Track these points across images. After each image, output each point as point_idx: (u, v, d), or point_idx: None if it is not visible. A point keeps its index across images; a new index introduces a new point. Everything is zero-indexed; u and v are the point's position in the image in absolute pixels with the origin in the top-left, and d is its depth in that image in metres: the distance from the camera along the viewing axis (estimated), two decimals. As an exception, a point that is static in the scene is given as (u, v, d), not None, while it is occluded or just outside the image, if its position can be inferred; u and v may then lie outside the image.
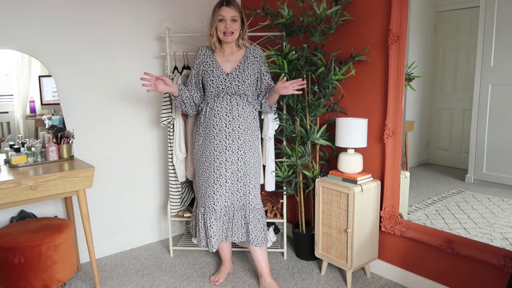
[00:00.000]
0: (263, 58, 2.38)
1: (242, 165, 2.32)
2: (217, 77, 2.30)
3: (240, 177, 2.32)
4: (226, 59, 2.33)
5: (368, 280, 2.49)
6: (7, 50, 2.39)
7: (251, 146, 2.34)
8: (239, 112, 2.29)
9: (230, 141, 2.29)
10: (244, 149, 2.31)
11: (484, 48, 1.93)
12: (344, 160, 2.39)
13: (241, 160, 2.31)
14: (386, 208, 2.38)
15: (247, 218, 2.35)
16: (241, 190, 2.34)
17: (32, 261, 2.03)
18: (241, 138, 2.30)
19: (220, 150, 2.29)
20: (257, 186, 2.39)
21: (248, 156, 2.33)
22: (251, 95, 2.35)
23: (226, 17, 2.22)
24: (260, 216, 2.38)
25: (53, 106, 2.58)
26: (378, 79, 2.38)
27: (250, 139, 2.33)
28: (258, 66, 2.36)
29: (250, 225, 2.35)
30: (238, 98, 2.30)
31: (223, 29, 2.23)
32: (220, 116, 2.28)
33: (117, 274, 2.64)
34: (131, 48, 2.87)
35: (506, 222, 1.94)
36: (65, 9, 2.55)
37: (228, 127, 2.28)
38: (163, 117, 2.66)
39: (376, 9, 2.34)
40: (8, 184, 1.99)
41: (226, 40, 2.26)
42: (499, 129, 1.93)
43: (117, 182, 2.93)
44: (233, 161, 2.30)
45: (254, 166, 2.36)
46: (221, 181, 2.31)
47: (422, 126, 2.27)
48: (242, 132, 2.30)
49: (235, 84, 2.28)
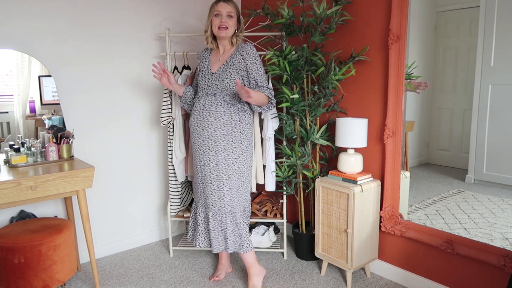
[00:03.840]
0: (251, 55, 2.26)
1: (214, 166, 2.26)
2: (203, 77, 2.31)
3: (213, 178, 2.27)
4: (218, 58, 2.32)
5: (368, 280, 2.49)
6: (7, 50, 2.39)
7: (226, 147, 2.25)
8: (210, 111, 2.23)
9: (201, 140, 2.28)
10: (216, 150, 2.25)
11: (484, 48, 1.93)
12: (344, 160, 2.39)
13: (213, 161, 2.26)
14: (386, 208, 2.38)
15: (223, 223, 2.30)
16: (215, 193, 2.28)
17: (32, 261, 2.03)
18: (211, 138, 2.25)
19: (195, 149, 2.33)
20: (233, 188, 2.28)
21: (221, 157, 2.25)
22: (230, 94, 2.25)
23: (222, 12, 2.20)
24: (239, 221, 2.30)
25: (53, 106, 2.58)
26: (378, 79, 2.38)
27: (223, 139, 2.25)
28: (244, 64, 2.26)
29: (228, 230, 2.30)
30: (212, 97, 2.25)
31: (218, 23, 2.20)
32: (194, 116, 2.30)
33: (117, 274, 2.64)
34: (131, 48, 2.87)
35: (506, 222, 1.94)
36: (65, 9, 2.55)
37: (199, 126, 2.27)
38: (163, 117, 2.66)
39: (376, 9, 2.34)
40: (8, 184, 1.99)
41: (220, 34, 2.22)
42: (499, 129, 1.93)
43: (117, 182, 2.92)
44: (206, 162, 2.27)
45: (230, 167, 2.26)
46: (198, 180, 2.34)
47: (422, 126, 2.27)
48: (212, 132, 2.24)
49: (215, 83, 2.26)
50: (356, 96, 2.53)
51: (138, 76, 2.92)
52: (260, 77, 2.28)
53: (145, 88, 2.97)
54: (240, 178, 2.31)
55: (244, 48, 2.27)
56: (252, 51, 2.27)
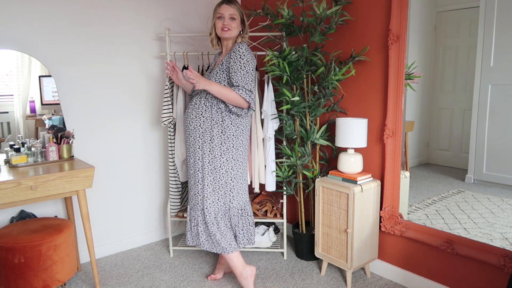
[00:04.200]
0: (237, 54, 2.17)
1: (200, 167, 2.29)
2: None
3: (200, 178, 2.30)
4: (221, 59, 2.33)
5: (368, 280, 2.49)
6: (7, 50, 2.39)
7: (214, 148, 2.24)
8: (198, 113, 2.26)
9: (191, 140, 2.31)
10: (204, 150, 2.27)
11: (484, 48, 1.93)
12: (344, 160, 2.39)
13: (200, 161, 2.29)
14: (386, 208, 2.38)
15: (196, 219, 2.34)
16: (200, 193, 2.31)
17: (32, 261, 2.03)
18: (200, 139, 2.28)
19: (187, 149, 2.38)
20: (217, 190, 2.28)
21: (208, 158, 2.26)
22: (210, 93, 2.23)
23: (225, 15, 2.22)
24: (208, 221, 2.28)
25: (53, 106, 2.58)
26: (378, 79, 2.38)
27: (212, 141, 2.24)
28: (227, 63, 2.21)
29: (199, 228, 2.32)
30: (197, 97, 2.29)
31: (220, 26, 2.23)
32: (186, 117, 2.35)
33: (117, 274, 2.64)
34: (131, 48, 2.87)
35: (506, 222, 1.94)
36: (65, 9, 2.55)
37: (189, 127, 2.31)
38: (164, 117, 2.66)
39: (376, 9, 2.34)
40: (8, 184, 1.99)
41: (223, 35, 2.24)
42: (499, 129, 1.93)
43: (117, 182, 2.93)
44: (195, 161, 2.31)
45: (214, 169, 2.26)
46: (189, 179, 2.39)
47: (422, 126, 2.27)
48: (200, 134, 2.27)
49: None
50: (356, 96, 2.53)
51: (138, 76, 2.92)
52: (236, 76, 2.16)
53: (145, 88, 2.97)
54: (227, 182, 2.29)
55: (234, 47, 2.21)
56: (238, 50, 2.18)
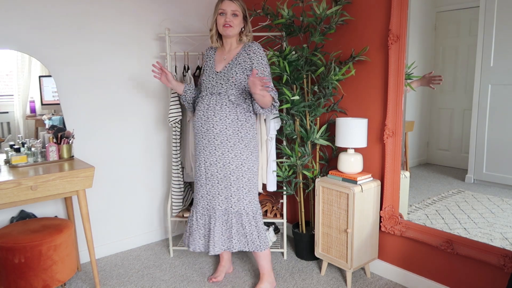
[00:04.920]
0: (258, 54, 2.20)
1: (221, 167, 2.23)
2: (207, 76, 2.27)
3: (220, 179, 2.25)
4: (223, 57, 2.28)
5: (368, 280, 2.49)
6: (7, 50, 2.39)
7: (232, 147, 2.22)
8: (215, 111, 2.19)
9: (206, 141, 2.24)
10: (222, 150, 2.22)
11: (484, 48, 1.93)
12: (344, 160, 2.39)
13: (220, 161, 2.23)
14: (386, 208, 2.38)
15: (229, 223, 2.29)
16: (223, 193, 2.26)
17: (32, 261, 2.03)
18: (217, 139, 2.21)
19: (199, 150, 2.30)
20: (241, 189, 2.26)
21: (228, 158, 2.22)
22: (235, 94, 2.20)
23: (227, 11, 2.16)
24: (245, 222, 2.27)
25: (53, 106, 2.58)
26: (378, 79, 2.38)
27: (230, 140, 2.21)
28: (250, 63, 2.20)
29: (233, 229, 2.28)
30: (217, 97, 2.21)
31: (222, 22, 2.16)
32: (198, 116, 2.26)
33: (117, 274, 2.64)
34: (131, 48, 2.87)
35: (506, 222, 1.94)
36: (65, 9, 2.55)
37: (203, 127, 2.24)
38: (171, 117, 2.66)
39: (376, 9, 2.34)
40: (8, 184, 1.99)
41: (225, 32, 2.18)
42: (499, 129, 1.93)
43: (117, 182, 2.93)
44: (212, 163, 2.25)
45: (238, 169, 2.24)
46: (201, 181, 2.31)
47: (422, 126, 2.27)
48: (217, 133, 2.21)
49: (219, 82, 2.21)
50: (356, 96, 2.53)
51: (138, 76, 2.92)
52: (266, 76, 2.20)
53: (145, 88, 2.97)
54: (250, 179, 2.28)
55: (251, 47, 2.22)
56: (259, 50, 2.21)
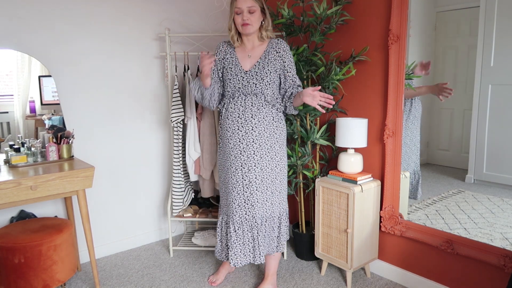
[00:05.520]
0: (288, 52, 2.17)
1: (259, 172, 2.15)
2: (235, 76, 2.15)
3: (258, 184, 2.16)
4: (246, 54, 2.17)
5: (368, 280, 2.49)
6: (7, 50, 2.39)
7: (269, 149, 2.16)
8: (253, 113, 2.12)
9: (244, 145, 2.14)
10: (261, 154, 2.14)
11: (484, 48, 1.93)
12: (344, 160, 2.39)
13: (258, 166, 2.14)
14: (386, 208, 2.38)
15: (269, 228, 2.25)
16: (260, 199, 2.18)
17: (32, 261, 2.03)
18: (256, 142, 2.13)
19: (234, 155, 2.16)
20: (275, 193, 2.23)
21: (265, 161, 2.16)
22: (270, 94, 2.16)
23: (243, 8, 2.06)
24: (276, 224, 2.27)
25: (53, 106, 2.58)
26: (378, 79, 2.38)
27: (267, 142, 2.16)
28: (281, 61, 2.15)
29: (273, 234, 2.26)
30: (253, 97, 2.13)
31: (240, 21, 2.08)
32: (233, 118, 2.15)
33: (117, 274, 2.64)
34: (131, 48, 2.87)
35: (506, 222, 1.94)
36: (65, 9, 2.55)
37: (241, 129, 2.14)
38: (173, 116, 2.66)
39: (376, 9, 2.34)
40: (8, 184, 1.99)
41: (245, 31, 2.09)
42: (499, 129, 1.93)
43: (117, 182, 2.93)
44: (250, 168, 2.14)
45: (273, 171, 2.19)
46: (238, 189, 2.17)
47: (422, 126, 2.27)
48: (257, 135, 2.13)
49: (252, 82, 2.12)
50: (356, 96, 2.53)
51: (137, 76, 2.92)
52: (294, 75, 2.20)
53: (145, 88, 2.97)
54: (281, 181, 2.25)
55: (279, 44, 2.17)
56: (288, 48, 2.18)
